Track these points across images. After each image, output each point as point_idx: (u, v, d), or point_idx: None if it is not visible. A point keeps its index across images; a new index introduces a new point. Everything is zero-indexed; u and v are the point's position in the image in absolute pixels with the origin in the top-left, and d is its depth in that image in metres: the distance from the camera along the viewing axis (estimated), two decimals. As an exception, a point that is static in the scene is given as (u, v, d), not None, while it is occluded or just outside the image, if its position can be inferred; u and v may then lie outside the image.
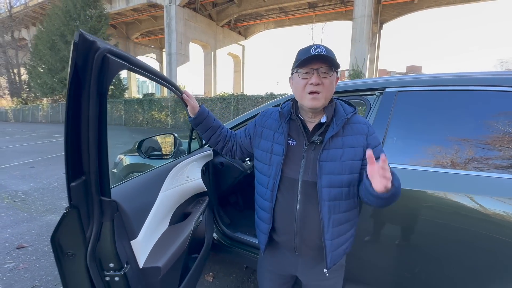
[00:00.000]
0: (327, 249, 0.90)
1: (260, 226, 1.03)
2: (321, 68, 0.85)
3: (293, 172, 0.92)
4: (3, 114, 25.22)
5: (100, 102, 0.65)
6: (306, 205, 0.91)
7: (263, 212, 1.00)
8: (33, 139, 10.57)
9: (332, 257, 0.91)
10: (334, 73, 0.88)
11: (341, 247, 0.94)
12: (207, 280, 1.96)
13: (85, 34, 0.59)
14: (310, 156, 0.91)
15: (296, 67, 0.88)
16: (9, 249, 2.36)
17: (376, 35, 18.86)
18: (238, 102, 12.43)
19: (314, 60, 0.85)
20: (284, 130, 0.95)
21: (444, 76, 1.26)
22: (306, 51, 0.85)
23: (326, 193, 0.88)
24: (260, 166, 1.01)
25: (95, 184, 0.72)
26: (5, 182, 4.43)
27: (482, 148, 1.07)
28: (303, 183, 0.91)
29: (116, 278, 0.83)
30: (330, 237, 0.90)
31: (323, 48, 0.84)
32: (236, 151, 1.17)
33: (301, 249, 0.95)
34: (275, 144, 0.96)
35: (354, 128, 0.93)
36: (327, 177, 0.88)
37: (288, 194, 0.93)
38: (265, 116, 1.05)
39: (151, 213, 1.03)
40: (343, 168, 0.89)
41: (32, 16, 26.32)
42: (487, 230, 1.01)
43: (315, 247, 0.94)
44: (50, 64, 18.59)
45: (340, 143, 0.90)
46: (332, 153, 0.89)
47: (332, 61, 0.85)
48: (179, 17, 19.01)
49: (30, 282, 1.92)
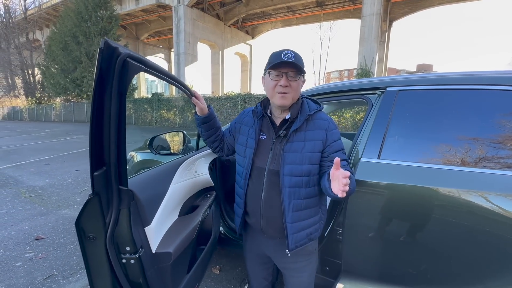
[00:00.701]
0: (288, 231, 1.02)
1: (236, 211, 1.18)
2: (289, 72, 0.97)
3: (262, 162, 1.05)
4: (19, 113, 26.09)
5: (120, 101, 0.73)
6: (270, 191, 1.04)
7: (238, 198, 1.15)
8: (47, 137, 10.93)
9: (293, 239, 1.02)
10: (301, 77, 1.00)
11: (303, 231, 1.05)
12: (214, 273, 2.03)
13: (109, 41, 0.67)
14: (276, 148, 1.03)
15: (268, 69, 0.99)
16: (28, 240, 2.51)
17: (385, 33, 18.60)
18: (245, 102, 12.51)
19: (283, 65, 0.96)
20: (256, 126, 1.08)
21: (445, 75, 1.28)
22: (278, 55, 0.96)
23: (287, 180, 1.00)
24: (238, 158, 1.16)
25: (114, 174, 0.80)
26: (22, 178, 4.64)
27: (485, 146, 1.09)
28: (268, 172, 1.03)
29: (131, 261, 0.91)
30: (290, 220, 1.01)
31: (293, 54, 0.96)
32: (223, 149, 1.31)
33: (267, 231, 1.08)
34: (249, 138, 1.09)
35: (316, 124, 1.04)
36: (289, 166, 1.00)
37: (257, 182, 1.07)
38: (243, 114, 1.20)
39: (163, 203, 1.11)
40: (303, 158, 1.00)
41: (46, 17, 27.11)
42: (491, 227, 1.02)
43: (278, 229, 1.05)
44: (62, 65, 19.12)
45: (302, 137, 1.02)
46: (294, 145, 1.01)
47: (299, 68, 0.96)
48: (187, 17, 19.24)
49: (48, 271, 2.05)
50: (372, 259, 1.32)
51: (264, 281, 1.26)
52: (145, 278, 0.95)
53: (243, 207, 1.12)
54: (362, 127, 1.38)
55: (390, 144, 1.26)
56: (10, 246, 2.41)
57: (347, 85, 1.56)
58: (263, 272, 1.25)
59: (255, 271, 1.26)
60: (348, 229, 1.31)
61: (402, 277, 1.24)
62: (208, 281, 1.94)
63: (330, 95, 1.60)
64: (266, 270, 1.25)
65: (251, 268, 1.26)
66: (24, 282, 1.91)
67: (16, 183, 4.37)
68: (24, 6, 27.93)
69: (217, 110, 12.97)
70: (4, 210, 3.23)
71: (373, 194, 1.22)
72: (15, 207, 3.32)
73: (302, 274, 1.14)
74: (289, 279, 1.17)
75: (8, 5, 27.66)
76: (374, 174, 1.22)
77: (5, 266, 2.10)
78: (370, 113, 1.39)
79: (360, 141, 1.35)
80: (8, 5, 27.61)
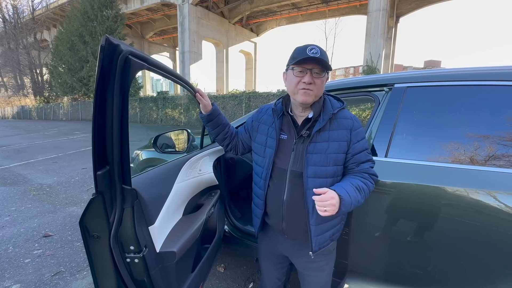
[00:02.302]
0: (312, 233, 0.99)
1: (254, 211, 1.14)
2: (314, 68, 0.92)
3: (283, 163, 1.01)
4: (27, 112, 26.57)
5: (122, 99, 0.72)
6: (293, 192, 1.00)
7: (257, 199, 1.11)
8: (55, 136, 11.11)
9: (317, 241, 1.00)
10: (326, 74, 0.95)
11: (326, 233, 1.02)
12: (218, 271, 2.04)
13: (111, 38, 0.66)
14: (299, 148, 0.99)
15: (292, 64, 0.94)
16: (36, 237, 2.55)
17: (392, 29, 18.29)
18: (250, 100, 12.49)
19: (308, 61, 0.91)
20: (277, 125, 1.03)
21: (454, 71, 1.24)
22: (302, 50, 0.91)
23: (311, 182, 0.96)
24: (256, 158, 1.11)
25: (117, 173, 0.80)
26: (31, 176, 4.73)
27: (496, 144, 1.05)
28: (291, 173, 1.00)
29: (135, 260, 0.91)
30: (314, 223, 0.98)
31: (318, 49, 0.90)
32: (238, 147, 1.26)
33: (288, 232, 1.06)
34: (269, 138, 1.05)
35: (340, 123, 0.99)
36: (313, 168, 0.96)
37: (278, 183, 1.03)
38: (261, 112, 1.14)
39: (167, 202, 1.11)
40: (328, 160, 0.96)
41: (53, 18, 27.50)
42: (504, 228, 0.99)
43: (301, 231, 1.03)
44: (69, 64, 19.38)
45: (326, 137, 0.97)
46: (318, 146, 0.96)
47: (325, 64, 0.91)
48: (192, 15, 19.26)
49: (56, 268, 2.08)
50: (379, 260, 1.30)
51: (278, 281, 1.24)
52: (149, 277, 0.95)
53: (263, 208, 1.08)
54: (369, 125, 1.36)
55: (398, 142, 1.24)
56: (20, 242, 2.45)
57: (354, 82, 1.53)
58: (278, 272, 1.22)
59: (269, 271, 1.23)
60: (354, 228, 1.28)
61: (409, 278, 1.22)
62: (213, 280, 1.94)
63: (336, 93, 1.57)
64: (281, 270, 1.23)
65: (266, 268, 1.24)
66: (33, 279, 1.94)
67: (25, 181, 4.45)
68: (32, 7, 28.37)
69: (222, 108, 12.96)
70: (14, 207, 3.29)
71: (380, 193, 1.20)
72: (24, 205, 3.38)
73: (322, 273, 1.13)
74: (308, 279, 1.14)
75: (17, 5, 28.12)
76: (381, 173, 1.19)
77: (14, 263, 2.14)
78: (377, 111, 1.36)
79: (367, 138, 1.32)
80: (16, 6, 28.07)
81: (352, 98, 1.79)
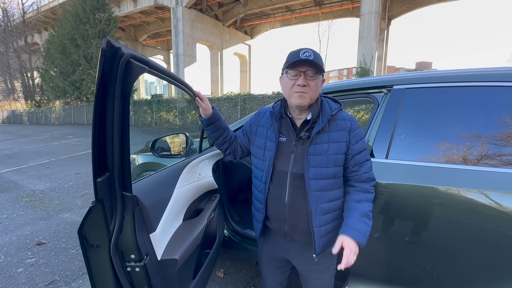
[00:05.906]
0: (315, 236, 0.99)
1: (255, 216, 1.13)
2: (308, 71, 0.93)
3: (283, 165, 1.01)
4: (18, 117, 26.06)
5: (123, 103, 0.70)
6: (295, 195, 1.00)
7: (258, 203, 1.10)
8: (47, 140, 10.90)
9: (320, 243, 1.00)
10: (320, 76, 0.96)
11: (329, 235, 1.02)
12: (218, 276, 2.01)
13: (112, 41, 0.64)
14: (298, 150, 0.99)
15: (286, 68, 0.95)
16: (29, 245, 2.48)
17: (384, 32, 18.58)
18: (245, 102, 12.49)
19: (302, 63, 0.92)
20: (275, 128, 1.03)
21: (453, 72, 1.26)
22: (296, 54, 0.92)
23: (313, 184, 0.96)
24: (255, 161, 1.11)
25: (118, 180, 0.77)
26: (23, 182, 4.61)
27: (494, 145, 1.06)
28: (291, 175, 0.99)
29: (136, 269, 0.88)
30: (317, 224, 0.98)
31: (311, 52, 0.91)
32: (237, 151, 1.26)
33: (290, 235, 1.05)
34: (268, 141, 1.05)
35: (339, 124, 1.00)
36: (314, 169, 0.96)
37: (279, 185, 1.02)
38: (259, 115, 1.15)
39: (168, 208, 1.08)
40: (328, 161, 0.97)
41: (44, 21, 27.09)
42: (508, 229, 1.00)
43: (303, 233, 1.02)
44: (61, 68, 19.12)
45: (326, 138, 0.98)
46: (318, 147, 0.97)
47: (318, 66, 0.92)
48: (185, 18, 19.21)
49: (50, 277, 2.01)
50: (381, 262, 1.29)
51: (280, 287, 1.23)
52: (150, 286, 0.92)
53: (263, 212, 1.07)
54: (369, 126, 1.36)
55: (398, 143, 1.24)
56: (11, 251, 2.38)
57: (352, 83, 1.54)
58: (279, 277, 1.21)
59: (271, 276, 1.21)
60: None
61: (411, 280, 1.22)
62: (213, 285, 1.91)
63: (335, 95, 1.57)
64: (283, 275, 1.21)
65: (267, 273, 1.22)
66: (26, 289, 1.88)
67: (16, 187, 4.34)
68: (22, 10, 27.95)
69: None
70: (5, 215, 3.20)
71: (381, 195, 1.19)
72: (16, 212, 3.29)
73: (325, 275, 1.12)
74: (311, 281, 1.13)
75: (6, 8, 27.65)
76: (382, 175, 1.19)
77: (6, 273, 2.07)
78: (377, 112, 1.36)
79: (366, 141, 1.33)
80: (6, 8, 27.59)
81: (351, 100, 1.80)
